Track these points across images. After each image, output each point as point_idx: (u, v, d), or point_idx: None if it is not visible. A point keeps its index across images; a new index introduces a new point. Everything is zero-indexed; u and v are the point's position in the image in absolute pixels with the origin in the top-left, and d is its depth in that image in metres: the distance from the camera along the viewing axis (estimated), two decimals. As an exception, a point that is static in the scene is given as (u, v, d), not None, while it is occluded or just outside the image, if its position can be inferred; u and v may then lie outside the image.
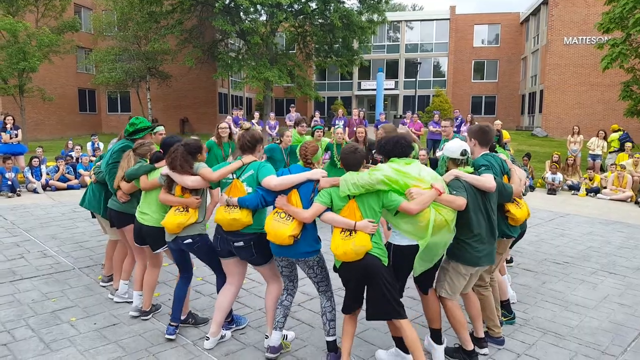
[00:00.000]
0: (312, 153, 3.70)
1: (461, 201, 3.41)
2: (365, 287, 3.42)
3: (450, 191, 3.44)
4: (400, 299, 3.44)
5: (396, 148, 3.53)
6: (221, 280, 4.08)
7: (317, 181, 3.51)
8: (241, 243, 3.65)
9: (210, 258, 4.02)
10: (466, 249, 3.55)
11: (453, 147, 3.72)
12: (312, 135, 8.35)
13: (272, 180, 3.54)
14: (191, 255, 4.12)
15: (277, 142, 7.74)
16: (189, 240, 3.87)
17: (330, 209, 3.40)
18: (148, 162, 4.25)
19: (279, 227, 3.39)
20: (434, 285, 3.75)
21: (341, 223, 3.30)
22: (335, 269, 3.48)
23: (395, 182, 3.30)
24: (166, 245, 4.11)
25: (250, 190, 3.64)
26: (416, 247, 3.38)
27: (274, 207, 3.55)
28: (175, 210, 3.82)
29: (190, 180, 3.78)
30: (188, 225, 3.81)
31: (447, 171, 3.71)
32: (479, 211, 3.57)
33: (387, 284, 3.31)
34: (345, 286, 3.49)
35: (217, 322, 3.89)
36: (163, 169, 3.95)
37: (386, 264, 3.35)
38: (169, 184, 3.90)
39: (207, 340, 3.89)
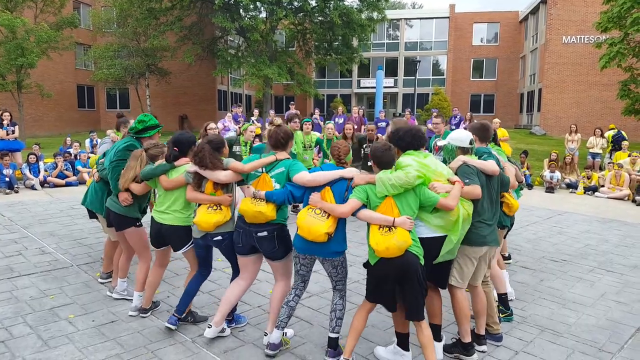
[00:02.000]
0: (345, 153, 3.67)
1: (477, 190, 3.49)
2: (398, 285, 3.39)
3: (463, 179, 3.49)
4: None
5: (415, 140, 3.57)
6: (237, 275, 4.07)
7: (351, 179, 3.49)
8: (265, 233, 3.64)
9: (233, 255, 3.98)
10: (471, 230, 3.57)
11: (462, 136, 3.80)
12: (301, 128, 8.40)
13: (305, 176, 3.54)
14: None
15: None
16: (219, 237, 3.86)
17: (366, 205, 3.38)
18: (157, 162, 4.16)
19: (315, 223, 3.35)
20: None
21: (379, 220, 3.27)
22: (366, 265, 3.46)
23: (424, 176, 3.35)
24: (191, 244, 4.08)
25: (278, 186, 3.64)
26: (438, 238, 3.41)
27: (306, 204, 3.53)
28: (208, 209, 3.76)
29: (223, 175, 3.74)
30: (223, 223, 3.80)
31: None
32: (486, 195, 3.64)
33: (422, 284, 3.32)
34: (378, 282, 3.40)
35: (222, 313, 3.89)
36: (189, 166, 3.88)
37: (423, 263, 3.34)
38: (198, 181, 3.85)
39: (209, 328, 3.87)
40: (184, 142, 4.08)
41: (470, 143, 3.77)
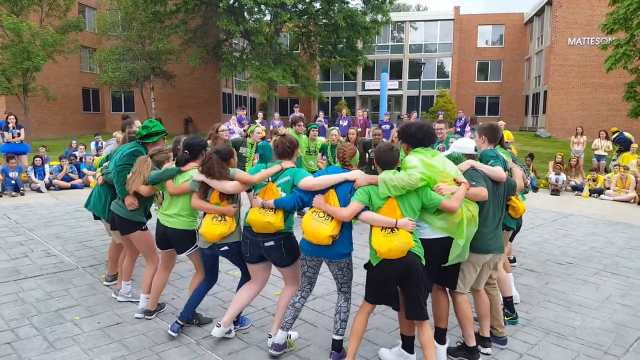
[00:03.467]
0: (351, 156, 3.68)
1: (484, 192, 3.48)
2: (399, 286, 3.40)
3: (470, 182, 3.48)
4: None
5: (427, 137, 3.56)
6: (245, 280, 4.08)
7: (354, 182, 3.50)
8: (272, 243, 3.66)
9: (242, 262, 4.00)
10: (475, 237, 3.55)
11: (468, 144, 3.83)
12: (307, 134, 8.40)
13: (310, 181, 3.55)
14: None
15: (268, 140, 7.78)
16: (226, 248, 3.87)
17: (368, 207, 3.39)
18: (164, 166, 4.19)
19: (319, 227, 3.38)
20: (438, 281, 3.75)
21: (381, 221, 3.28)
22: (367, 266, 3.46)
23: (429, 178, 3.33)
24: (194, 247, 4.10)
25: (284, 195, 3.65)
26: (441, 240, 3.40)
27: (311, 207, 3.54)
28: (213, 219, 3.77)
29: (229, 186, 3.74)
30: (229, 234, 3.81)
31: None
32: (491, 201, 3.62)
33: (424, 284, 3.32)
34: (380, 283, 3.40)
35: (231, 315, 3.91)
36: (196, 174, 3.88)
37: (424, 264, 3.34)
38: (205, 190, 3.85)
39: (217, 327, 3.88)
40: (195, 147, 4.10)
41: (476, 150, 3.79)
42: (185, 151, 4.11)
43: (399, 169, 3.43)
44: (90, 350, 3.85)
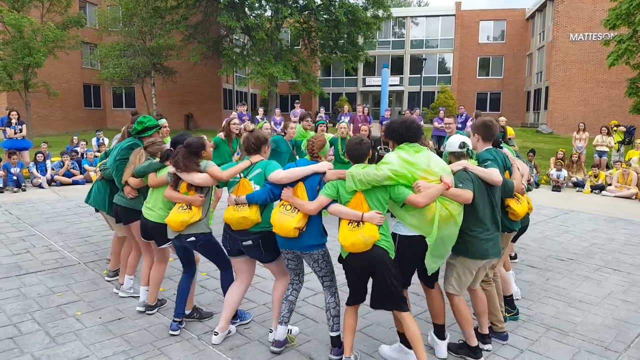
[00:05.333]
0: (319, 147, 3.71)
1: (468, 195, 3.39)
2: (370, 278, 3.43)
3: (457, 184, 3.43)
4: (404, 293, 3.44)
5: (410, 132, 3.51)
6: (226, 276, 4.12)
7: (324, 174, 3.52)
8: (250, 242, 3.67)
9: (214, 255, 4.07)
10: (472, 242, 3.53)
11: (451, 141, 3.76)
12: (316, 130, 8.39)
13: (279, 174, 3.59)
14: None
15: (282, 134, 7.76)
16: (192, 239, 3.90)
17: (336, 200, 3.40)
18: (158, 160, 4.27)
19: (285, 219, 3.42)
20: (437, 279, 3.75)
21: (348, 214, 3.29)
22: (340, 259, 3.48)
23: (402, 177, 3.28)
24: (170, 241, 4.14)
25: (258, 188, 3.67)
26: (413, 237, 3.39)
27: (281, 200, 3.57)
28: (179, 208, 3.84)
29: (198, 178, 3.80)
30: (192, 223, 3.83)
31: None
32: (486, 204, 3.57)
33: (392, 276, 3.31)
34: (348, 278, 3.47)
35: (226, 318, 3.92)
36: (170, 167, 3.97)
37: (393, 257, 3.35)
38: (175, 181, 3.92)
39: (215, 335, 3.91)
40: (178, 143, 4.13)
41: (462, 147, 3.66)
42: (171, 147, 4.21)
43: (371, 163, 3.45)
44: (92, 345, 3.86)
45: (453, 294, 3.67)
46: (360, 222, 3.24)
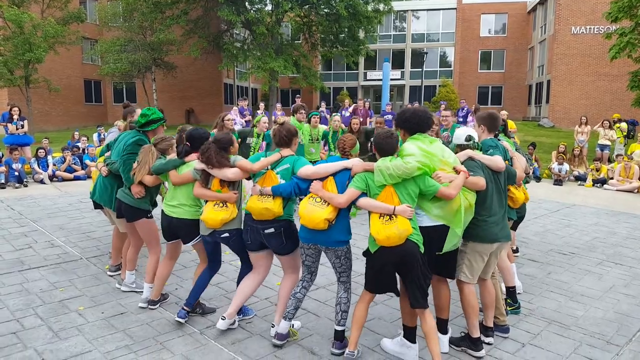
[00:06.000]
0: (351, 146, 3.68)
1: (483, 182, 3.47)
2: (399, 274, 3.40)
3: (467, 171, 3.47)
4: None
5: (422, 122, 3.52)
6: (245, 270, 4.11)
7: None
8: (272, 230, 3.67)
9: (242, 251, 4.03)
10: (482, 227, 3.56)
11: (458, 133, 3.79)
12: (309, 122, 8.42)
13: (309, 169, 3.57)
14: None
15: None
16: (226, 235, 3.89)
17: (365, 194, 3.38)
18: (168, 157, 4.23)
19: (315, 210, 3.39)
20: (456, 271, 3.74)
21: (379, 208, 3.27)
22: (366, 253, 3.46)
23: (427, 167, 3.30)
24: (199, 237, 4.12)
25: (283, 182, 3.66)
26: (439, 227, 3.40)
27: (308, 194, 3.55)
28: (215, 206, 3.81)
29: (231, 173, 3.78)
30: (229, 220, 3.83)
31: None
32: (493, 189, 3.61)
33: (423, 272, 3.32)
34: (377, 271, 3.41)
35: (236, 305, 3.94)
36: (197, 163, 3.92)
37: (423, 251, 3.33)
38: (205, 178, 3.89)
39: (222, 319, 3.91)
40: (197, 138, 4.11)
41: (468, 139, 3.71)
42: (187, 143, 4.13)
43: (396, 156, 3.41)
44: (95, 340, 3.87)
45: (464, 282, 3.67)
46: (393, 216, 3.21)
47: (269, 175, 3.69)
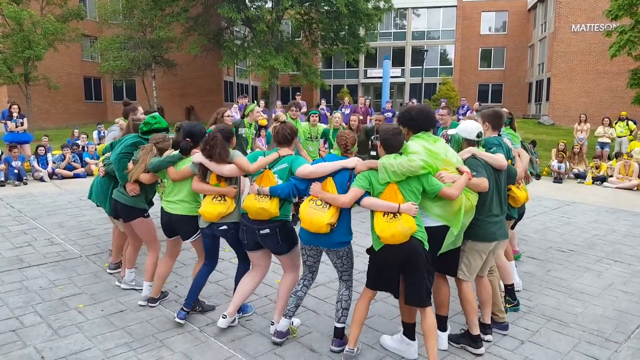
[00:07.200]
0: (352, 143, 3.67)
1: (486, 183, 3.45)
2: (402, 272, 3.39)
3: (471, 172, 3.45)
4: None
5: (428, 121, 3.51)
6: (243, 268, 4.11)
7: (353, 169, 3.47)
8: (267, 230, 3.66)
9: (239, 246, 4.02)
10: (480, 226, 3.55)
11: (470, 128, 3.71)
12: (308, 120, 8.39)
13: (307, 168, 3.54)
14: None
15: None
16: (224, 227, 3.89)
17: (369, 192, 3.36)
18: (167, 154, 4.22)
19: (316, 215, 3.36)
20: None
21: (383, 207, 3.25)
22: (369, 251, 3.45)
23: (430, 166, 3.30)
24: (199, 233, 4.12)
25: (280, 182, 3.65)
26: (442, 228, 3.39)
27: (308, 196, 3.53)
28: (213, 199, 3.81)
29: (227, 169, 3.77)
30: (227, 214, 3.84)
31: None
32: (493, 188, 3.60)
33: (427, 270, 3.31)
34: (381, 269, 3.40)
35: (235, 305, 3.94)
36: (195, 157, 3.92)
37: (427, 249, 3.32)
38: (203, 172, 3.89)
39: (223, 318, 3.91)
40: (197, 134, 4.10)
41: (478, 136, 3.68)
42: (187, 139, 4.11)
43: (400, 154, 3.39)
44: (94, 337, 3.88)
45: (462, 280, 3.67)
46: (397, 214, 3.20)
47: (266, 174, 3.68)
